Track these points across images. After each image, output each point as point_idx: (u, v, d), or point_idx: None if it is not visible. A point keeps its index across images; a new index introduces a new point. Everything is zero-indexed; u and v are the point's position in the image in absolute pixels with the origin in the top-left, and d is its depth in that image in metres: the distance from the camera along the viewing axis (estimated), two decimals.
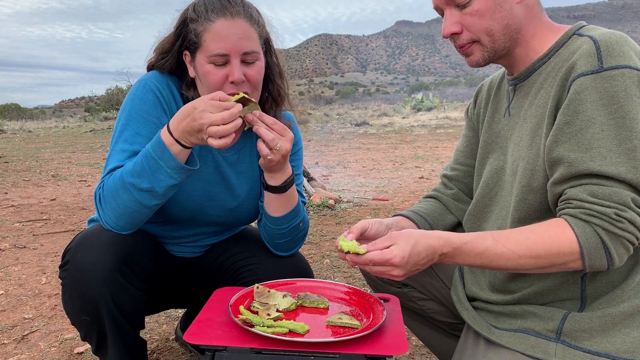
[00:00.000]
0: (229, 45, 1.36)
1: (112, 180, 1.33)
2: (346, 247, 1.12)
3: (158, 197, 1.33)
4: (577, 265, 1.04)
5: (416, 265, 1.08)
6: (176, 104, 1.48)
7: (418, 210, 1.48)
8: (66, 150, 11.94)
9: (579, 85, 1.05)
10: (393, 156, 9.54)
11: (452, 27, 1.19)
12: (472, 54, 1.21)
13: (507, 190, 1.26)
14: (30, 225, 4.46)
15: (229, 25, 1.36)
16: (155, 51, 1.51)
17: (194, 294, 1.71)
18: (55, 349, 2.14)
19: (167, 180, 1.31)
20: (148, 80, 1.46)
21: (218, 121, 1.23)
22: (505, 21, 1.16)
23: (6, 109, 41.80)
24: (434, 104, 26.73)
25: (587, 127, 1.03)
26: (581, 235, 1.01)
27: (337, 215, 4.59)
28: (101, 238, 1.34)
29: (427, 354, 2.01)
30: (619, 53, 1.04)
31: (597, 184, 1.02)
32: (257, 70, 1.42)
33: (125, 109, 1.45)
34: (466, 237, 1.10)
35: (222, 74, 1.38)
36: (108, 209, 1.34)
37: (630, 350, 1.04)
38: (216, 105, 1.24)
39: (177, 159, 1.29)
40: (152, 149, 1.30)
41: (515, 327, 1.17)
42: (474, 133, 1.48)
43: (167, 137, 1.30)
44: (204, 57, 1.38)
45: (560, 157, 1.06)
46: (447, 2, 1.18)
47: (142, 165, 1.30)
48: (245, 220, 1.68)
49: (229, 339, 1.10)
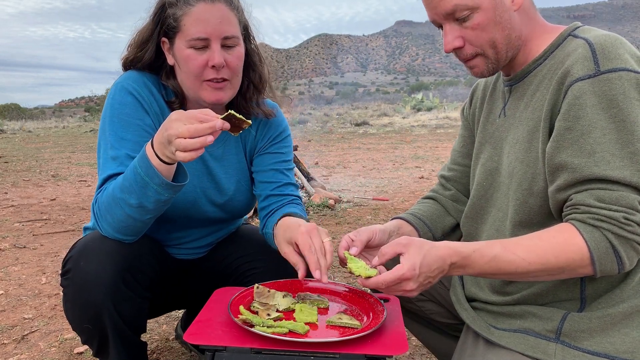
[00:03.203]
0: (209, 28, 1.35)
1: (105, 194, 1.30)
2: (357, 271, 1.13)
3: (149, 212, 1.29)
4: (588, 271, 1.03)
5: (428, 278, 1.08)
6: (156, 102, 1.46)
7: (417, 213, 1.48)
8: (66, 150, 11.95)
9: (577, 90, 1.04)
10: (393, 156, 9.54)
11: (454, 42, 1.18)
12: (476, 67, 1.21)
13: (503, 192, 1.26)
14: (30, 225, 4.46)
15: (209, 9, 1.36)
16: (132, 45, 1.48)
17: (196, 296, 1.70)
18: (55, 349, 2.14)
19: (155, 196, 1.24)
20: (124, 83, 1.43)
21: (184, 133, 1.11)
22: (506, 31, 1.16)
23: (6, 109, 41.79)
24: (434, 104, 26.74)
25: (588, 132, 1.03)
26: (591, 241, 1.01)
27: (337, 215, 4.59)
28: (103, 246, 1.32)
29: (427, 354, 2.01)
30: (615, 56, 1.04)
31: (603, 189, 1.01)
32: (237, 56, 1.41)
33: (106, 116, 1.41)
34: (475, 246, 1.09)
35: (202, 59, 1.36)
36: (105, 223, 1.31)
37: (629, 350, 1.04)
38: (190, 117, 1.13)
39: (160, 176, 1.21)
40: (138, 164, 1.23)
41: (514, 327, 1.17)
42: (469, 133, 1.48)
43: (149, 151, 1.21)
44: (184, 41, 1.37)
45: (563, 163, 1.05)
46: (446, 16, 1.16)
47: (130, 181, 1.24)
48: (239, 214, 1.67)
49: (229, 339, 1.10)
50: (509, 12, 1.15)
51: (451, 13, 1.15)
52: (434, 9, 1.17)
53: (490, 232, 1.29)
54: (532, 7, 1.21)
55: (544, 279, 1.09)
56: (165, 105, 1.48)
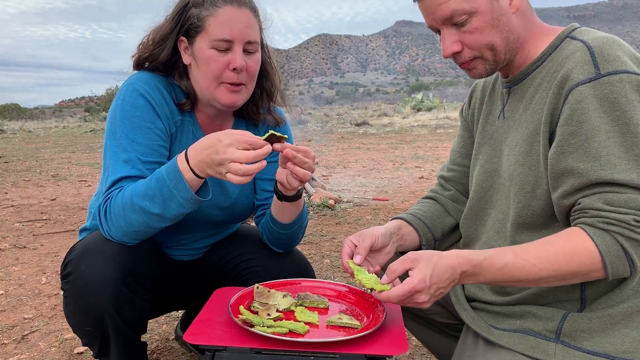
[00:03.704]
0: (235, 31, 1.37)
1: (120, 198, 1.29)
2: (368, 284, 1.13)
3: (167, 221, 1.31)
4: (600, 275, 1.03)
5: (439, 289, 1.07)
6: (167, 105, 1.46)
7: (417, 213, 1.48)
8: (66, 150, 11.95)
9: (578, 95, 1.04)
10: (393, 156, 9.54)
11: (453, 46, 1.17)
12: (474, 69, 1.21)
13: (503, 194, 1.25)
14: (30, 225, 4.46)
15: (236, 13, 1.38)
16: (145, 44, 1.48)
17: (196, 297, 1.70)
18: (55, 349, 2.14)
19: (178, 209, 1.27)
20: (135, 84, 1.42)
21: (242, 159, 1.17)
22: (505, 34, 1.15)
23: (6, 109, 41.83)
24: (434, 104, 26.74)
25: (592, 136, 1.03)
26: (601, 245, 1.01)
27: (337, 215, 4.59)
28: (104, 249, 1.31)
29: (427, 354, 2.01)
30: (614, 58, 1.03)
31: (611, 192, 1.01)
32: (256, 61, 1.44)
33: (116, 116, 1.40)
34: (485, 253, 1.09)
35: (224, 61, 1.38)
36: (114, 226, 1.30)
37: (629, 350, 1.04)
38: (243, 141, 1.18)
39: (191, 191, 1.25)
40: (167, 176, 1.25)
41: (514, 327, 1.17)
42: (469, 133, 1.48)
43: (182, 164, 1.24)
44: (207, 41, 1.38)
45: (569, 169, 1.05)
46: (444, 21, 1.16)
47: (154, 190, 1.25)
48: (241, 218, 1.68)
49: (229, 339, 1.10)
50: (507, 15, 1.15)
51: (449, 18, 1.14)
52: (431, 14, 1.17)
53: (490, 233, 1.29)
54: (530, 9, 1.21)
55: (556, 285, 1.08)
56: (175, 108, 1.48)
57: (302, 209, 1.53)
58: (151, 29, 1.49)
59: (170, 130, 1.47)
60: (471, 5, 1.12)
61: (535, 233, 1.15)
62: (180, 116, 1.49)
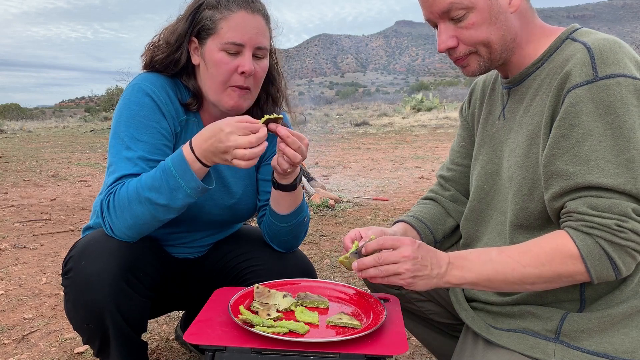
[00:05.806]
0: (247, 36, 1.40)
1: (125, 191, 1.30)
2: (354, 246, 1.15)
3: (173, 212, 1.33)
4: (585, 278, 1.04)
5: (424, 266, 1.08)
6: (172, 105, 1.47)
7: (418, 215, 1.48)
8: (66, 150, 11.95)
9: (574, 97, 1.04)
10: (393, 156, 9.54)
11: (448, 41, 1.18)
12: (468, 65, 1.21)
13: (503, 195, 1.26)
14: (30, 225, 4.46)
15: (249, 18, 1.41)
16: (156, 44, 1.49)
17: (196, 296, 1.70)
18: (55, 349, 2.14)
19: (185, 199, 1.30)
20: (142, 84, 1.43)
21: (245, 144, 1.22)
22: (501, 32, 1.15)
23: (6, 109, 41.83)
24: (434, 104, 26.71)
25: (584, 140, 1.03)
26: (583, 248, 1.01)
27: (337, 215, 4.59)
28: (105, 246, 1.32)
29: (427, 354, 2.01)
30: (613, 61, 1.03)
31: (596, 196, 1.01)
32: (263, 67, 1.47)
33: (122, 115, 1.41)
34: (471, 249, 1.14)
35: (233, 64, 1.40)
36: (118, 220, 1.31)
37: (629, 350, 1.04)
38: (243, 127, 1.23)
39: (198, 180, 1.28)
40: (174, 166, 1.28)
41: (514, 327, 1.17)
42: (469, 133, 1.48)
43: (189, 154, 1.28)
44: (218, 44, 1.40)
45: (558, 171, 1.06)
46: (442, 15, 1.16)
47: (160, 181, 1.28)
48: (244, 217, 1.68)
49: (229, 339, 1.10)
50: (505, 13, 1.15)
51: (446, 12, 1.15)
52: (429, 7, 1.18)
53: (491, 235, 1.29)
54: (530, 10, 1.20)
55: (541, 288, 1.09)
56: (180, 108, 1.49)
57: (301, 203, 1.54)
58: (162, 29, 1.50)
59: (175, 129, 1.48)
60: (469, 0, 1.13)
61: (532, 235, 1.15)
62: (185, 116, 1.51)
